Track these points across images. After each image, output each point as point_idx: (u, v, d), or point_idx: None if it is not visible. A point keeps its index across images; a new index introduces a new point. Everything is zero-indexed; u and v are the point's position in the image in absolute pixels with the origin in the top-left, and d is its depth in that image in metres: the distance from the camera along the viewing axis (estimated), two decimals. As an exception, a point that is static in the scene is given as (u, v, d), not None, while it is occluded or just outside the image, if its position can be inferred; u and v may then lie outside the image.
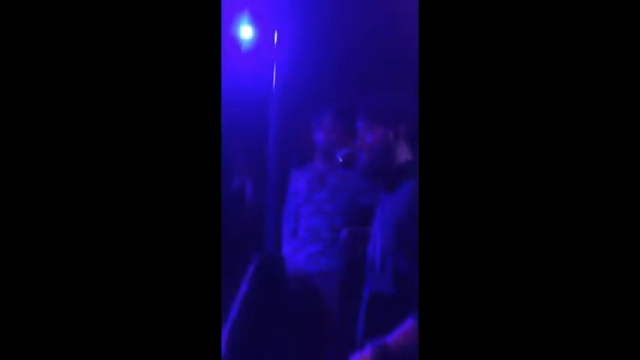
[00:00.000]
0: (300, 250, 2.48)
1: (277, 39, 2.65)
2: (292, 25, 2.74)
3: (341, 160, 2.29)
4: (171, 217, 1.04)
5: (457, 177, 1.04)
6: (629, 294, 0.98)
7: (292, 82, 2.81)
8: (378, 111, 1.54)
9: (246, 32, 2.66)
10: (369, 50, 2.92)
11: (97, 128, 1.02)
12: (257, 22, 2.65)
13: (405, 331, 1.33)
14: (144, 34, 1.05)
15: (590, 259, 0.99)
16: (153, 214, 1.03)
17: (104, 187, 1.02)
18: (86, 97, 1.02)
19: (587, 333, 0.99)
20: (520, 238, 1.02)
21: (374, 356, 1.34)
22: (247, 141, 3.00)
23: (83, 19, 1.03)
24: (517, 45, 1.04)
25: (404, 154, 1.50)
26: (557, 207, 1.01)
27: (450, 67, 1.06)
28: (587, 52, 1.02)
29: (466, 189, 1.04)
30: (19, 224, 0.98)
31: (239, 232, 3.00)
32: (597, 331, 0.98)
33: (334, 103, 2.58)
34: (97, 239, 1.01)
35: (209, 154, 1.08)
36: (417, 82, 1.11)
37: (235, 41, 2.67)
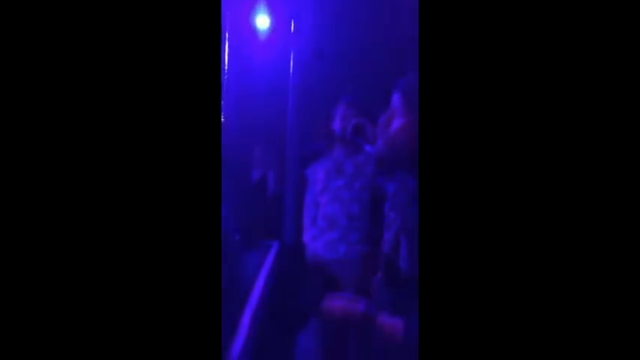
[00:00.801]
0: (318, 238, 2.49)
1: (294, 28, 2.66)
2: (309, 14, 2.75)
3: (351, 129, 2.32)
4: (170, 213, 1.04)
5: (457, 177, 1.04)
6: (629, 294, 0.97)
7: (310, 72, 2.82)
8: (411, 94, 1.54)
9: (262, 22, 2.67)
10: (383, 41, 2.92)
11: (95, 123, 1.03)
12: (273, 11, 2.67)
13: (393, 323, 1.36)
14: (143, 29, 1.05)
15: (590, 259, 0.99)
16: (152, 209, 1.04)
17: (102, 182, 1.02)
18: (83, 94, 1.03)
19: (587, 332, 0.98)
20: (520, 237, 1.01)
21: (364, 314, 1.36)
22: (268, 132, 3.03)
23: (81, 15, 1.04)
24: (517, 45, 1.04)
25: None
26: (557, 205, 1.00)
27: (453, 66, 1.06)
28: (588, 51, 1.01)
29: (466, 189, 1.04)
30: (19, 223, 0.99)
31: (260, 222, 3.03)
32: (597, 331, 0.98)
33: (352, 92, 2.60)
34: (95, 237, 1.01)
35: (209, 150, 1.08)
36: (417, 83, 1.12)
37: (252, 32, 2.69)
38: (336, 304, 1.44)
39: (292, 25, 2.68)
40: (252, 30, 2.69)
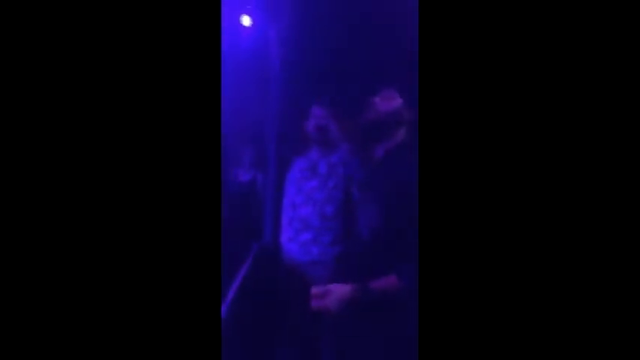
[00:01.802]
0: (294, 239, 2.47)
1: (275, 34, 2.67)
2: (291, 19, 2.75)
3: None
4: (171, 211, 1.04)
5: (457, 177, 1.04)
6: (629, 294, 0.96)
7: (292, 74, 2.82)
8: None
9: (245, 21, 2.68)
10: (369, 43, 2.92)
11: (95, 124, 1.03)
12: (256, 13, 2.67)
13: (387, 280, 1.39)
14: (143, 27, 1.05)
15: (590, 259, 0.98)
16: (152, 208, 1.04)
17: (103, 181, 1.02)
18: (82, 93, 1.03)
19: (587, 332, 0.98)
20: (519, 237, 1.01)
21: (354, 290, 1.39)
22: (252, 134, 3.04)
23: (81, 14, 1.04)
24: (517, 45, 1.04)
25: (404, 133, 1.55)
26: (557, 205, 1.00)
27: (451, 66, 1.06)
28: (588, 52, 1.01)
29: (466, 189, 1.03)
30: (19, 223, 0.99)
31: (243, 224, 3.03)
32: (597, 331, 0.97)
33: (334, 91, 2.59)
34: (95, 236, 1.01)
35: (209, 148, 1.07)
36: (417, 81, 1.12)
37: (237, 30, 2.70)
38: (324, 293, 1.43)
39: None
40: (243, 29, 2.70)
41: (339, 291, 1.42)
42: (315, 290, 1.44)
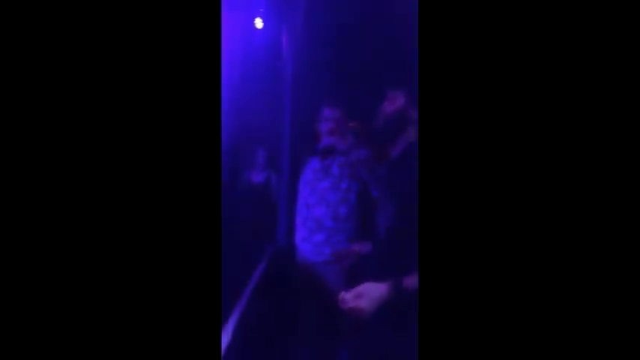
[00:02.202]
0: (307, 239, 2.49)
1: (286, 35, 2.69)
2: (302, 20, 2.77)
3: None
4: (171, 212, 1.04)
5: (457, 177, 1.04)
6: (629, 294, 0.96)
7: (305, 76, 2.83)
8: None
9: (258, 24, 2.70)
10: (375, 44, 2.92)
11: (95, 124, 1.03)
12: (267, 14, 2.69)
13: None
14: (143, 27, 1.05)
15: (590, 259, 0.98)
16: (152, 208, 1.03)
17: (102, 183, 1.02)
18: (81, 93, 1.02)
19: (587, 332, 0.97)
20: (520, 238, 1.01)
21: (389, 289, 1.36)
22: (264, 135, 3.06)
23: (81, 14, 1.04)
24: (517, 45, 1.04)
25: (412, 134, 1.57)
26: (557, 206, 1.00)
27: (451, 66, 1.06)
28: (588, 52, 1.00)
29: (466, 189, 1.03)
30: (20, 224, 0.99)
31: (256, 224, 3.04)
32: (597, 331, 0.97)
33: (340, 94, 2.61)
34: (95, 236, 1.02)
35: (209, 150, 1.07)
36: (417, 81, 1.12)
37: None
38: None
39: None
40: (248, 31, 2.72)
41: (374, 291, 1.38)
42: (347, 294, 1.39)
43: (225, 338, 1.96)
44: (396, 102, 1.65)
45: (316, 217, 2.46)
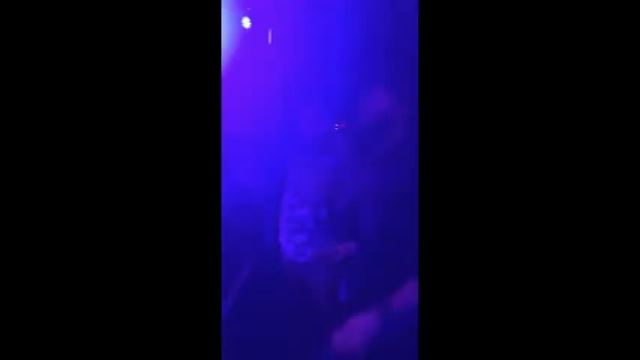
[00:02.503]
0: (290, 240, 2.49)
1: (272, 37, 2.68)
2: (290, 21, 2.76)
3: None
4: (171, 211, 1.04)
5: (457, 177, 1.04)
6: (629, 294, 0.96)
7: (292, 77, 2.83)
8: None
9: (245, 23, 2.70)
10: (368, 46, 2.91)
11: (95, 125, 1.03)
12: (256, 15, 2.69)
13: (403, 292, 1.32)
14: (143, 27, 1.05)
15: (590, 259, 0.98)
16: (152, 208, 1.03)
17: (102, 183, 1.02)
18: (81, 93, 1.02)
19: (587, 332, 0.97)
20: (520, 238, 1.01)
21: (375, 316, 1.32)
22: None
23: (80, 16, 1.03)
24: (517, 45, 1.03)
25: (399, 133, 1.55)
26: (556, 207, 1.00)
27: (451, 66, 1.06)
28: (588, 52, 1.00)
29: (466, 189, 1.03)
30: (20, 224, 1.00)
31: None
32: (597, 331, 0.97)
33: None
34: (95, 235, 1.02)
35: (210, 151, 1.07)
36: (417, 80, 1.11)
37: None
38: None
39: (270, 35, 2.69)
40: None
41: (363, 326, 1.34)
42: (336, 334, 1.35)
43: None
44: (380, 102, 1.63)
45: (299, 218, 2.45)
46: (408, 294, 1.32)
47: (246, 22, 2.66)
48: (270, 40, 2.65)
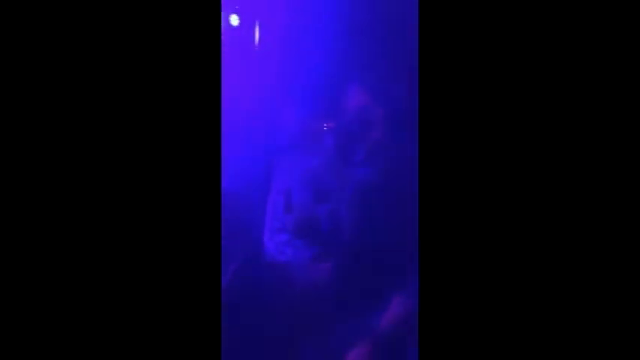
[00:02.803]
0: (272, 238, 2.49)
1: (260, 34, 2.68)
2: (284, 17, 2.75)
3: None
4: (171, 212, 1.06)
5: (457, 177, 1.05)
6: (629, 294, 0.97)
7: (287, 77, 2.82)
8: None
9: (233, 21, 2.69)
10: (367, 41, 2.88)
11: (95, 125, 1.05)
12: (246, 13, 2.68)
13: (392, 312, 1.32)
14: (143, 27, 1.07)
15: (589, 259, 0.99)
16: (152, 208, 1.05)
17: (102, 183, 1.05)
18: (80, 93, 1.05)
19: (587, 332, 0.98)
20: (520, 239, 1.02)
21: (369, 346, 1.34)
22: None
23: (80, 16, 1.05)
24: (517, 45, 1.04)
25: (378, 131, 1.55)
26: (556, 206, 1.01)
27: (451, 65, 1.06)
28: (587, 52, 1.01)
29: (466, 189, 1.04)
30: (19, 223, 1.01)
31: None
32: (597, 331, 0.98)
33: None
34: (95, 235, 1.04)
35: (209, 151, 1.09)
36: (417, 80, 1.12)
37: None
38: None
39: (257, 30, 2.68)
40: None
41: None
42: None
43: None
44: (359, 100, 1.62)
45: (281, 217, 2.45)
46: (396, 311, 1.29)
47: (234, 20, 2.66)
48: (257, 40, 2.65)
